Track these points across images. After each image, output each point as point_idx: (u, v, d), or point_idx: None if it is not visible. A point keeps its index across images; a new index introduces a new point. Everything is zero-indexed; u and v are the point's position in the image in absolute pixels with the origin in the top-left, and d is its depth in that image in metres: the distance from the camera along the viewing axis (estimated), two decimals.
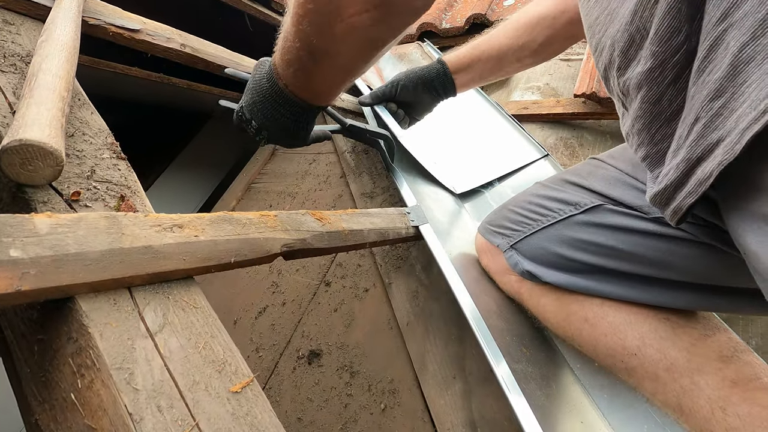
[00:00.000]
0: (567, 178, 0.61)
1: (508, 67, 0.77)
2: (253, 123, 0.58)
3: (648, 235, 0.50)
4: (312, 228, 0.52)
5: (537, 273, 0.60)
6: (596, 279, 0.55)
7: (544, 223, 0.59)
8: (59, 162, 0.34)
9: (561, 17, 0.69)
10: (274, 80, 0.53)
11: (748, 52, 0.26)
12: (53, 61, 0.40)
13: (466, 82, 0.82)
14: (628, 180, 0.54)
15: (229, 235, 0.42)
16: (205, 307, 0.38)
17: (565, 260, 0.57)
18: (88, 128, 0.45)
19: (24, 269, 0.27)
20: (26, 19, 0.52)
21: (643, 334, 0.51)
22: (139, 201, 0.42)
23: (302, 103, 0.54)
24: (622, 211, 0.53)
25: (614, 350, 0.53)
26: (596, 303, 0.55)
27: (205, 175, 2.09)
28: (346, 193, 1.20)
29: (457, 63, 0.79)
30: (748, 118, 0.26)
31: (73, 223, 0.31)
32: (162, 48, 0.65)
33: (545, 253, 0.59)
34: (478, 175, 0.99)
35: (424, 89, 0.83)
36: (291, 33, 0.46)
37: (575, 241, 0.56)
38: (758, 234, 0.29)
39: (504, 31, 0.74)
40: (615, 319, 0.53)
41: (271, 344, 0.97)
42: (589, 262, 0.55)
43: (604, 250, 0.53)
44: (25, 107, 0.34)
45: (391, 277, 0.92)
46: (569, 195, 0.59)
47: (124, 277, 0.32)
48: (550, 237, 0.59)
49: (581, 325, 0.57)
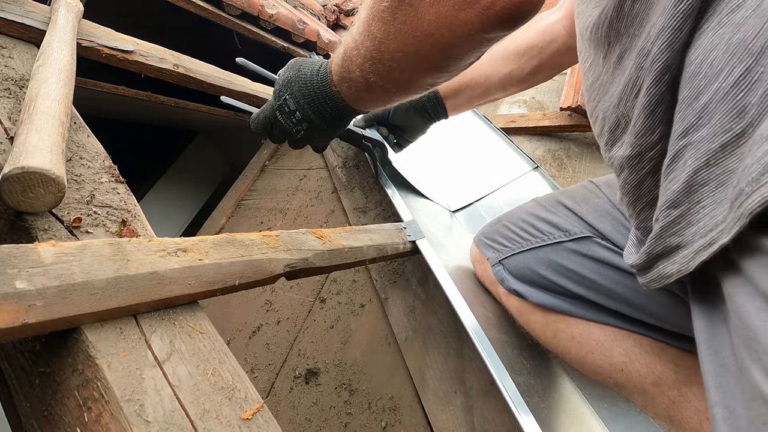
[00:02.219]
0: (562, 200, 0.63)
1: (496, 93, 0.78)
2: (297, 115, 0.58)
3: (629, 276, 0.51)
4: (313, 247, 0.52)
5: (523, 293, 0.61)
6: (579, 305, 0.56)
7: (534, 243, 0.61)
8: (61, 188, 0.33)
9: (548, 47, 0.69)
10: (327, 83, 0.54)
11: (702, 175, 0.27)
12: (51, 86, 0.39)
13: (457, 106, 0.82)
14: (617, 215, 0.55)
15: (233, 258, 0.41)
16: (211, 332, 0.37)
17: (550, 283, 0.59)
18: (85, 152, 0.44)
19: (30, 301, 0.26)
20: (18, 42, 0.51)
21: (628, 350, 0.52)
22: (140, 225, 0.41)
23: (349, 108, 0.55)
24: (608, 247, 0.54)
25: (602, 367, 0.54)
26: (582, 322, 0.57)
27: (192, 191, 2.07)
28: (338, 208, 1.20)
29: (447, 88, 0.80)
30: (700, 242, 0.28)
31: (78, 251, 0.31)
32: (155, 68, 0.65)
33: (531, 273, 0.61)
34: (471, 191, 1.01)
35: (416, 112, 0.84)
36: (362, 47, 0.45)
37: (560, 267, 0.57)
38: (705, 323, 0.30)
39: (492, 58, 0.75)
40: (600, 336, 0.54)
41: (267, 364, 0.96)
42: (571, 289, 0.56)
43: (586, 282, 0.55)
44: (25, 133, 0.34)
45: (387, 293, 0.92)
46: (561, 220, 0.60)
47: (130, 304, 0.32)
48: (537, 258, 0.60)
49: (569, 343, 0.57)
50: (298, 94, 0.56)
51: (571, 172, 1.06)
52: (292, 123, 0.59)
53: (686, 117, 0.29)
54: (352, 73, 0.49)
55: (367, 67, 0.46)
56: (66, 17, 0.50)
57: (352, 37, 0.47)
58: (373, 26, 0.43)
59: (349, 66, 0.49)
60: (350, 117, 0.58)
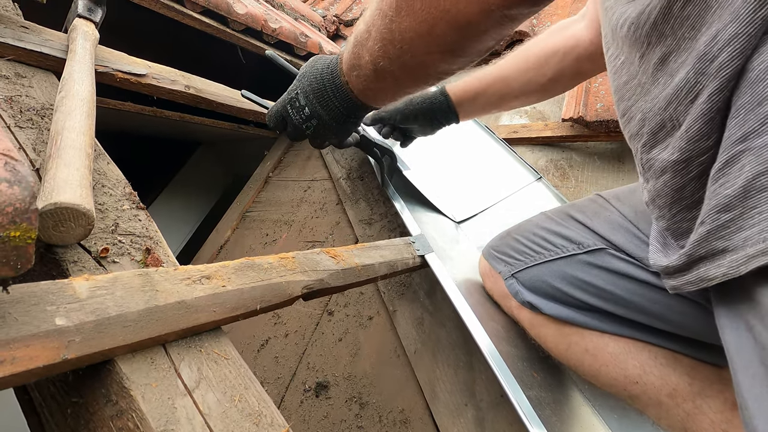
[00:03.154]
0: (572, 214, 0.63)
1: (514, 101, 0.76)
2: (306, 110, 0.58)
3: (646, 285, 0.52)
4: (328, 267, 0.53)
5: (537, 304, 0.62)
6: (594, 317, 0.57)
7: (547, 257, 0.61)
8: (91, 222, 0.34)
9: (571, 52, 0.67)
10: (337, 74, 0.53)
11: (762, 181, 0.27)
12: (76, 118, 0.40)
13: (470, 113, 0.81)
14: (630, 228, 0.56)
15: (254, 282, 0.42)
16: (235, 358, 0.38)
17: (564, 295, 0.59)
18: (106, 179, 0.45)
19: (70, 337, 0.27)
20: (37, 71, 0.52)
21: (643, 363, 0.53)
22: (162, 251, 0.42)
23: (357, 102, 0.55)
24: (623, 258, 0.55)
25: (616, 380, 0.54)
26: (596, 334, 0.57)
27: (195, 202, 2.07)
28: (343, 219, 1.20)
29: (462, 95, 0.78)
30: (756, 247, 0.28)
31: (110, 283, 0.32)
32: (167, 90, 0.66)
33: (545, 286, 0.61)
34: (475, 202, 1.02)
35: (425, 119, 0.83)
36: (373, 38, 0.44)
37: (576, 280, 0.58)
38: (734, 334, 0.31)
39: (512, 63, 0.73)
40: (615, 349, 0.55)
41: (276, 378, 0.96)
42: (587, 301, 0.57)
43: (603, 293, 0.55)
44: (54, 168, 0.35)
45: (395, 305, 0.93)
46: (573, 233, 0.60)
47: (160, 334, 0.33)
48: (552, 271, 0.60)
49: (582, 356, 0.58)
50: (308, 88, 0.56)
51: (574, 181, 1.07)
52: (301, 119, 0.59)
53: (747, 122, 0.29)
54: (362, 59, 0.47)
55: (377, 50, 0.44)
56: (84, 46, 0.51)
57: (363, 21, 0.46)
58: (383, 3, 0.41)
59: (359, 52, 0.48)
60: (359, 113, 0.57)
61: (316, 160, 1.44)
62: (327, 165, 1.39)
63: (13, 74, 0.49)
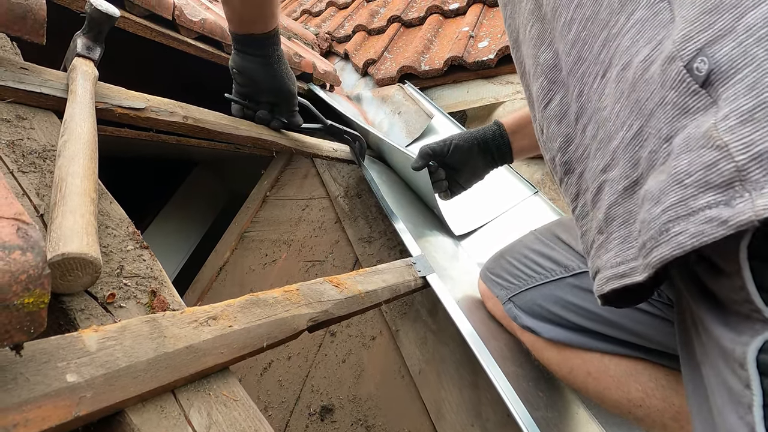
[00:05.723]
0: (558, 234, 0.64)
1: None
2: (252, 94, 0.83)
3: (631, 308, 0.52)
4: (332, 297, 0.53)
5: (536, 329, 0.62)
6: (592, 337, 0.57)
7: (538, 281, 0.62)
8: (97, 270, 0.35)
9: None
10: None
11: (614, 210, 0.31)
12: (79, 162, 0.41)
13: (525, 146, 0.77)
14: None
15: (260, 319, 0.42)
16: (244, 399, 0.38)
17: (560, 318, 0.59)
18: (109, 220, 0.45)
19: (81, 393, 0.27)
20: (38, 111, 0.52)
21: (645, 385, 0.53)
22: (168, 292, 0.42)
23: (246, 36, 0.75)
24: None
25: (620, 402, 0.54)
26: (596, 357, 0.57)
27: (192, 222, 2.07)
28: (342, 238, 1.21)
29: (513, 123, 0.75)
30: (609, 271, 0.31)
31: (118, 333, 0.32)
32: (166, 122, 0.67)
33: (541, 310, 0.61)
34: (474, 217, 1.02)
35: (479, 150, 0.79)
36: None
37: (567, 303, 0.58)
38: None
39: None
40: (616, 372, 0.55)
41: (280, 401, 0.96)
42: (581, 324, 0.57)
43: (594, 316, 0.56)
44: (60, 216, 0.35)
45: (397, 324, 0.93)
46: (560, 255, 0.61)
47: (170, 382, 0.33)
48: (544, 295, 0.61)
49: (585, 379, 0.58)
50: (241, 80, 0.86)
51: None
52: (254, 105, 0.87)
53: (605, 155, 0.32)
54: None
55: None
56: (84, 86, 0.52)
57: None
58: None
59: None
60: (254, 42, 0.78)
61: (314, 178, 1.45)
62: (324, 183, 1.40)
63: (15, 117, 0.49)
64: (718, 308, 0.27)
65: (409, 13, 1.92)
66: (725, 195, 0.22)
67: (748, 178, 0.21)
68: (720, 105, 0.23)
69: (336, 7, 2.41)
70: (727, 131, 0.22)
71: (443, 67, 1.50)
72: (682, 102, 0.25)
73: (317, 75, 1.46)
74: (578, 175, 0.36)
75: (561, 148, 0.38)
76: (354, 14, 2.20)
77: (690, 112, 0.24)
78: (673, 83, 0.25)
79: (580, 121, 0.35)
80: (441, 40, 1.67)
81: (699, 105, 0.24)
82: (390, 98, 1.53)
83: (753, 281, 0.23)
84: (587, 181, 0.35)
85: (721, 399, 0.26)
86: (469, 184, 0.86)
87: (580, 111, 0.35)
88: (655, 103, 0.26)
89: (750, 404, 0.23)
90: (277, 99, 0.88)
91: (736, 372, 0.24)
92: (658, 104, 0.26)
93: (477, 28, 1.59)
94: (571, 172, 0.38)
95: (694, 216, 0.23)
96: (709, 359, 0.28)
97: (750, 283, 0.23)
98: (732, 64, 0.22)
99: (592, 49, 0.32)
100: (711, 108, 0.23)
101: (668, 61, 0.25)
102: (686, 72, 0.24)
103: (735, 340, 0.24)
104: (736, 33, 0.22)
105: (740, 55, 0.22)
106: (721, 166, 0.22)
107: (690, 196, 0.23)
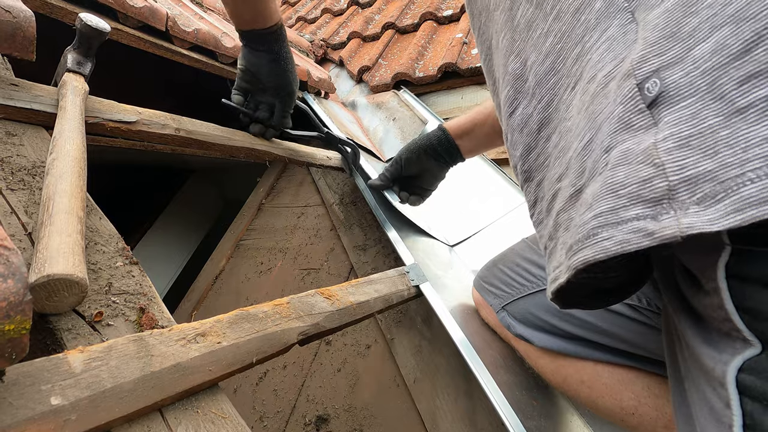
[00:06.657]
0: None
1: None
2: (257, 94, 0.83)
3: (621, 316, 0.53)
4: (323, 309, 0.53)
5: (529, 338, 0.62)
6: (584, 345, 0.57)
7: (530, 289, 0.62)
8: (84, 289, 0.35)
9: None
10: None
11: (561, 217, 0.32)
12: (67, 180, 0.41)
13: (472, 147, 0.81)
14: None
15: (249, 334, 0.42)
16: (233, 416, 0.38)
17: (551, 327, 0.60)
18: (98, 236, 0.45)
19: (65, 416, 0.27)
20: (27, 127, 0.52)
21: (638, 394, 0.53)
22: (157, 308, 0.42)
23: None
24: None
25: (613, 411, 0.54)
26: (589, 365, 0.57)
27: (187, 231, 2.07)
28: (338, 246, 1.21)
29: (458, 128, 0.79)
30: (551, 275, 0.32)
31: (104, 353, 0.32)
32: (158, 135, 0.67)
33: (533, 318, 0.62)
34: (468, 225, 1.03)
35: (428, 157, 0.82)
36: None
37: (558, 312, 0.58)
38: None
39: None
40: (609, 380, 0.55)
41: (276, 411, 0.95)
42: (572, 332, 0.57)
43: (585, 324, 0.56)
44: (47, 236, 0.35)
45: (392, 332, 0.93)
46: None
47: (156, 401, 0.33)
48: (536, 304, 0.61)
49: (578, 387, 0.58)
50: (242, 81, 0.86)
51: None
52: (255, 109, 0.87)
53: (562, 164, 0.32)
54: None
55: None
56: (74, 102, 0.52)
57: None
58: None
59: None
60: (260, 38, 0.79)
61: (309, 186, 1.45)
62: (320, 190, 1.40)
63: (4, 134, 0.49)
64: (700, 324, 0.27)
65: (404, 19, 1.93)
66: (653, 210, 0.23)
67: (676, 197, 0.22)
68: (660, 127, 0.24)
69: (331, 14, 2.42)
70: (666, 152, 0.23)
71: (437, 74, 1.50)
72: (627, 118, 0.25)
73: (311, 83, 1.47)
74: (536, 183, 0.37)
75: (522, 156, 0.39)
76: (349, 21, 2.22)
77: (632, 128, 0.25)
78: (623, 99, 0.26)
79: (544, 131, 0.36)
80: (435, 46, 1.68)
81: (641, 123, 0.25)
82: (385, 104, 1.54)
83: (731, 300, 0.23)
84: (544, 189, 0.36)
85: (703, 416, 0.26)
86: (434, 186, 0.90)
87: (545, 121, 0.35)
88: (605, 116, 0.27)
89: (731, 425, 0.23)
90: (275, 97, 0.87)
91: (717, 390, 0.24)
92: (607, 117, 0.27)
93: (470, 35, 1.60)
94: (531, 180, 0.38)
95: (623, 225, 0.24)
96: (691, 375, 0.28)
97: (728, 302, 0.23)
98: (678, 91, 0.23)
99: (566, 62, 0.32)
100: (651, 128, 0.24)
101: (624, 77, 0.26)
102: (637, 90, 0.25)
103: (715, 359, 0.25)
104: (685, 63, 0.23)
105: (687, 84, 0.23)
106: (655, 182, 0.23)
107: (621, 206, 0.24)
